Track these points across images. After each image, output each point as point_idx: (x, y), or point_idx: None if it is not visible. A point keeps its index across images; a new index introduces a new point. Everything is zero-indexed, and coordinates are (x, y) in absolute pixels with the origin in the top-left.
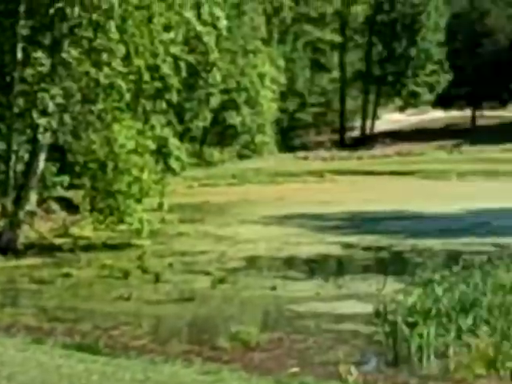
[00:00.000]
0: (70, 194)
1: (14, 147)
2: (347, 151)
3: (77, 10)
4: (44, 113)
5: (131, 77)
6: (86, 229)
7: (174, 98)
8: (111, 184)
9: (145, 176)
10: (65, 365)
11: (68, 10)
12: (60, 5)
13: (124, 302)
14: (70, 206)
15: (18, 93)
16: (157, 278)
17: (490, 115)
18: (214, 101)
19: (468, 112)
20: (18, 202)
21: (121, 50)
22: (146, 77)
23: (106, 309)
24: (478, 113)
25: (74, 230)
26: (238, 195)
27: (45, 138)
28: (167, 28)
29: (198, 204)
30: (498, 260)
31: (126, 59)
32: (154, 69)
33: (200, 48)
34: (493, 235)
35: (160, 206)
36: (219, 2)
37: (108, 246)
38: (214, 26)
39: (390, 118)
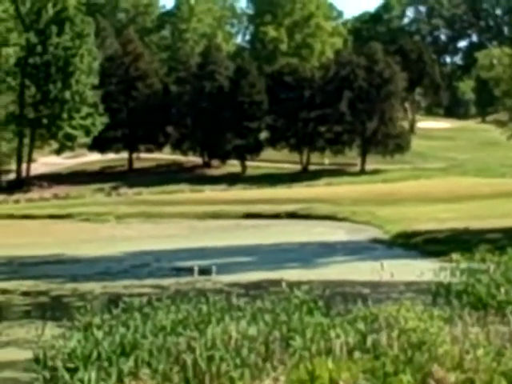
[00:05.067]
0: None
1: None
2: (3, 195)
3: None
4: None
5: None
6: None
7: None
8: None
9: None
10: None
11: None
12: None
13: None
14: None
15: None
16: None
17: (147, 157)
18: None
19: (125, 154)
20: None
21: None
22: None
23: None
24: (134, 155)
25: None
26: None
27: None
28: None
29: None
30: (158, 302)
31: None
32: None
33: None
34: (152, 277)
35: None
36: None
37: None
38: None
39: (47, 161)
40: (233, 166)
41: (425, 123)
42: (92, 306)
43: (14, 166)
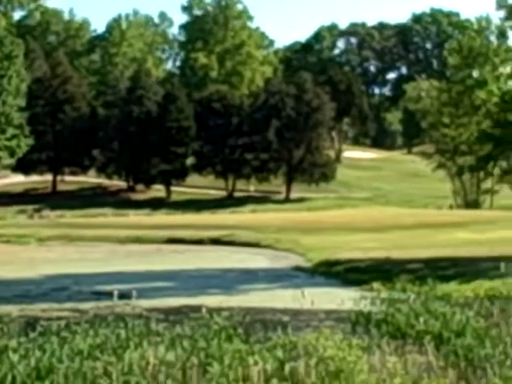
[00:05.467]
0: None
1: None
2: None
3: None
4: None
5: None
6: None
7: None
8: None
9: None
10: None
11: None
12: None
13: None
14: None
15: None
16: None
17: (72, 180)
18: None
19: (49, 177)
20: None
21: None
22: None
23: None
24: (59, 178)
25: None
26: None
27: None
28: None
29: None
30: (76, 326)
31: None
32: None
33: None
34: (72, 300)
35: None
36: None
37: None
38: None
39: None
40: (158, 190)
41: (352, 153)
42: (9, 328)
43: None
